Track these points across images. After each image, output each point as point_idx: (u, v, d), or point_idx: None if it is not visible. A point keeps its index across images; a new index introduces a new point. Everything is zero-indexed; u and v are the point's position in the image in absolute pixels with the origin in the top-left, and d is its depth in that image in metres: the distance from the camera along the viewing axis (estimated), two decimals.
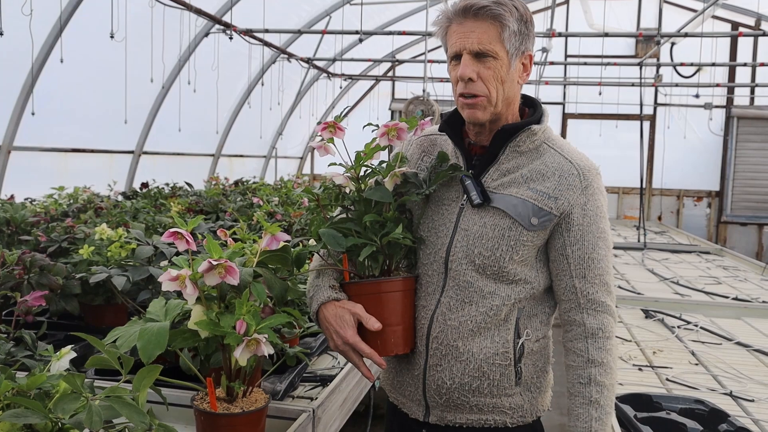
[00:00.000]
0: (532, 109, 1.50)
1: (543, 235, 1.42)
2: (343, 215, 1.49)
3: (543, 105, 1.50)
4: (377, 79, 10.94)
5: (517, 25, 1.37)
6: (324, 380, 2.00)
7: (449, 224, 1.45)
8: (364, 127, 1.47)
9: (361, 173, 1.46)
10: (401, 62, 10.11)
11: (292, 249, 1.53)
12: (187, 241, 1.30)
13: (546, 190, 1.40)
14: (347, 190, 1.48)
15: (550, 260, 1.45)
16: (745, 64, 8.82)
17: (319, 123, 1.48)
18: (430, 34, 7.28)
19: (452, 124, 1.49)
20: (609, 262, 1.43)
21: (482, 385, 1.42)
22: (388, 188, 1.43)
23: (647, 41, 9.49)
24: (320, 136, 1.45)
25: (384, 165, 1.47)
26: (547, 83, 9.46)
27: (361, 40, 7.41)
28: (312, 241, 1.50)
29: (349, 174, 1.45)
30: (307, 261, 1.55)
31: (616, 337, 3.16)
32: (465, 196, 1.44)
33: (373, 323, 1.37)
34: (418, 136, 1.58)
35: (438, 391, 1.44)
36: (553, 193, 1.39)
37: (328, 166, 1.49)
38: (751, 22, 9.50)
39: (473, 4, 1.36)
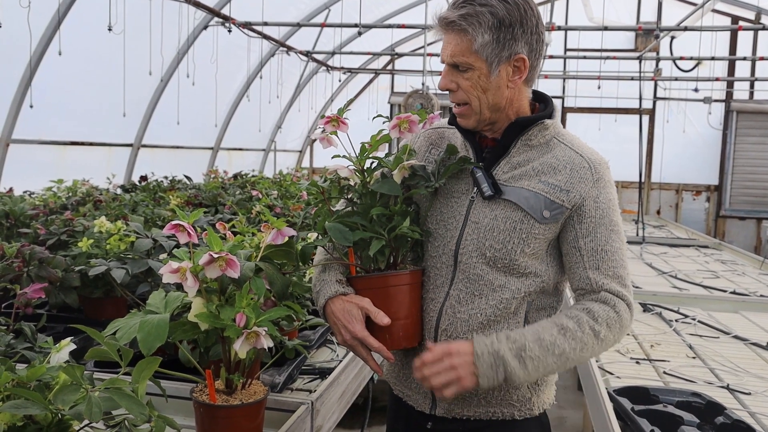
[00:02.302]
0: (543, 104, 1.49)
1: (554, 228, 1.41)
2: (348, 208, 1.49)
3: (552, 99, 1.50)
4: (376, 73, 10.92)
5: (491, 34, 1.34)
6: (323, 373, 2.00)
7: (459, 217, 1.44)
8: (374, 118, 1.46)
9: (367, 166, 1.45)
10: (400, 55, 10.10)
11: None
12: (189, 233, 1.31)
13: (558, 183, 1.39)
14: (352, 183, 1.48)
15: (563, 253, 1.44)
16: (744, 58, 8.80)
17: (322, 117, 1.47)
18: (429, 27, 7.26)
19: None
20: (623, 254, 1.42)
21: None
22: (397, 181, 1.42)
23: (647, 35, 9.47)
24: (322, 128, 1.45)
25: (391, 157, 1.46)
26: (546, 77, 9.45)
27: (360, 33, 7.40)
28: (311, 235, 1.50)
29: (354, 166, 1.44)
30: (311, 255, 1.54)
31: None
32: (475, 188, 1.43)
33: (382, 317, 1.37)
34: (425, 128, 1.58)
35: None
36: (565, 186, 1.39)
37: (332, 158, 1.48)
38: (751, 15, 9.49)
39: (443, 18, 1.38)
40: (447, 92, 1.44)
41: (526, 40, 1.37)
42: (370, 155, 1.44)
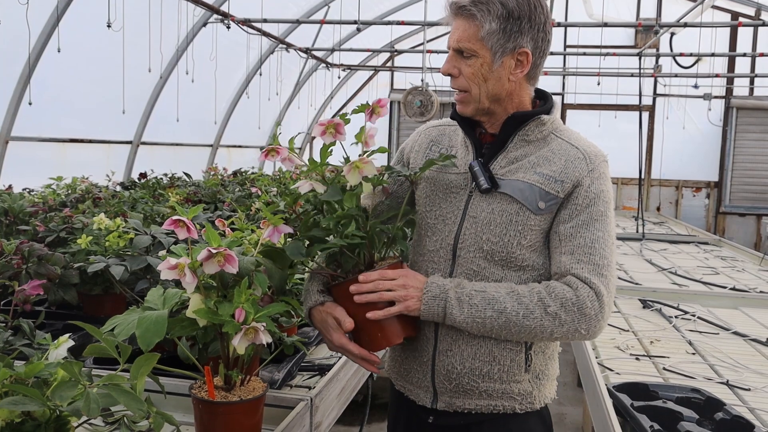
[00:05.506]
0: (543, 101, 1.50)
1: (550, 219, 1.42)
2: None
3: (553, 97, 1.51)
4: (376, 69, 10.91)
5: (499, 23, 1.36)
6: (322, 369, 2.00)
7: (457, 212, 1.45)
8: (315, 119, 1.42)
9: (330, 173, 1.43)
10: (400, 52, 10.08)
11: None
12: (188, 229, 1.30)
13: (552, 173, 1.40)
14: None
15: (549, 240, 1.44)
16: (744, 55, 8.79)
17: (322, 121, 1.43)
18: (429, 24, 7.25)
19: None
20: (604, 245, 1.38)
21: (492, 370, 1.42)
22: (354, 181, 1.37)
23: (646, 31, 9.46)
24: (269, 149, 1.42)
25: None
26: (546, 73, 9.43)
27: (359, 30, 7.40)
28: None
29: (314, 179, 1.41)
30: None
31: (612, 326, 3.14)
32: (474, 183, 1.44)
33: (347, 324, 1.37)
34: (426, 126, 1.60)
35: (447, 376, 1.44)
36: (559, 176, 1.40)
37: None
38: (751, 12, 9.48)
39: (455, 2, 1.40)
40: (443, 87, 1.44)
41: (532, 36, 1.39)
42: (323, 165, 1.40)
